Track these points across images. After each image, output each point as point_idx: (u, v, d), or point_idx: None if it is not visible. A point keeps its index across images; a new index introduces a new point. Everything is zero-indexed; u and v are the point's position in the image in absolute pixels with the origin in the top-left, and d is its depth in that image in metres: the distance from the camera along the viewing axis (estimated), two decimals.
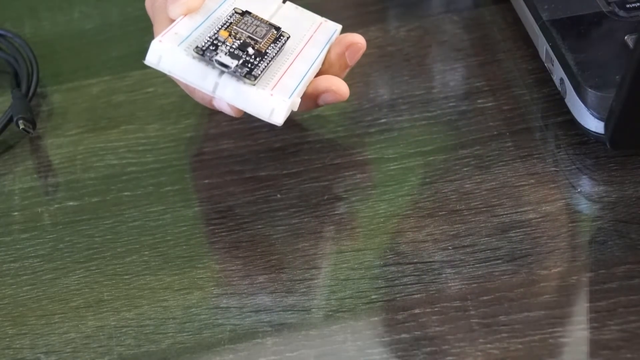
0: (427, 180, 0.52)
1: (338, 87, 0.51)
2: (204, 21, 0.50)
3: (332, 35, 0.53)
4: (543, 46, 0.54)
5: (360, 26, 0.60)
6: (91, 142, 0.56)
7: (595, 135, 0.51)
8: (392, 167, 0.53)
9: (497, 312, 0.46)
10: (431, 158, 0.53)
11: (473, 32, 0.59)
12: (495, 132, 0.53)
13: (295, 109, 0.49)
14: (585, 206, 0.50)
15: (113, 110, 0.57)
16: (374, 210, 0.51)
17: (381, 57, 0.58)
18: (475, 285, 0.47)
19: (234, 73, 0.47)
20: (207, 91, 0.48)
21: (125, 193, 0.53)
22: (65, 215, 0.52)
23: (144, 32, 0.61)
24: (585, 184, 0.51)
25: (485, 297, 0.46)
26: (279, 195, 0.52)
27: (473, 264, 0.48)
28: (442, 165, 0.52)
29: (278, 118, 0.47)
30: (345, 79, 0.55)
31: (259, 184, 0.52)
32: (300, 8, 0.55)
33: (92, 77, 0.60)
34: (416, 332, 0.46)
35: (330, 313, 0.47)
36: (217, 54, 0.47)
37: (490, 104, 0.55)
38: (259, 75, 0.48)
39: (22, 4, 0.65)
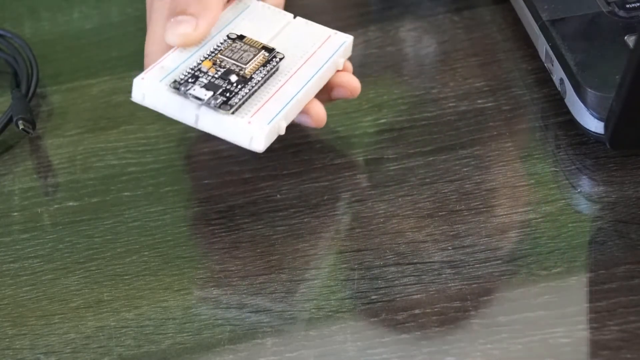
0: (427, 180, 0.52)
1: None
2: (197, 50, 0.50)
3: (339, 47, 0.52)
4: (543, 46, 0.54)
5: (360, 26, 0.60)
6: (91, 143, 0.56)
7: (595, 136, 0.51)
8: (391, 168, 0.52)
9: (497, 312, 0.46)
10: (431, 158, 0.53)
11: (473, 32, 0.59)
12: (495, 132, 0.53)
13: (282, 133, 0.48)
14: (585, 206, 0.50)
15: (113, 110, 0.57)
16: (373, 211, 0.51)
17: (381, 57, 0.58)
18: (475, 285, 0.47)
19: (208, 105, 0.47)
20: (190, 124, 0.48)
21: (125, 193, 0.53)
22: (65, 216, 0.52)
23: (144, 32, 0.61)
24: (585, 184, 0.51)
25: (485, 298, 0.46)
26: (278, 196, 0.52)
27: (473, 264, 0.48)
28: (442, 166, 0.52)
29: (258, 145, 0.47)
30: None
31: (259, 184, 0.52)
32: (310, 23, 0.53)
33: (91, 77, 0.60)
34: (416, 333, 0.46)
35: (330, 313, 0.47)
36: (192, 87, 0.47)
37: (490, 104, 0.55)
38: (237, 103, 0.47)
39: (22, 4, 0.65)
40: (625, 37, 0.53)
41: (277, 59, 0.50)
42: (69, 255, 0.50)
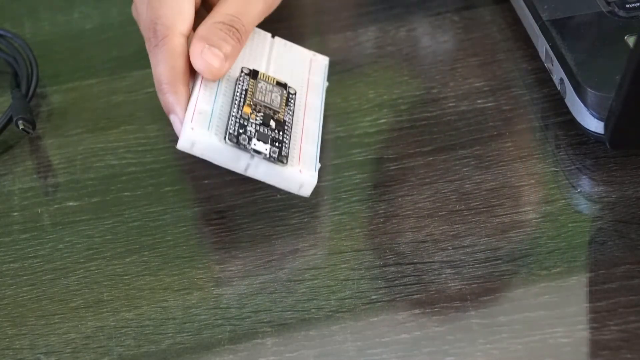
0: (427, 180, 0.52)
1: None
2: (218, 86, 0.51)
3: (324, 73, 0.54)
4: (543, 46, 0.54)
5: (360, 26, 0.60)
6: (91, 143, 0.56)
7: (595, 136, 0.51)
8: (392, 167, 0.52)
9: (497, 312, 0.46)
10: (431, 158, 0.53)
11: (473, 32, 0.59)
12: (495, 132, 0.53)
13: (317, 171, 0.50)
14: (585, 206, 0.50)
15: (113, 110, 0.57)
16: (373, 211, 0.51)
17: (381, 57, 0.58)
18: (475, 285, 0.47)
19: (267, 158, 0.48)
20: (237, 171, 0.49)
21: (125, 193, 0.53)
22: (65, 216, 0.52)
23: None
24: (585, 184, 0.51)
25: (485, 298, 0.46)
26: (278, 195, 0.52)
27: (473, 264, 0.48)
28: (442, 166, 0.52)
29: (307, 191, 0.49)
30: (346, 80, 0.56)
31: (259, 184, 0.52)
32: (288, 43, 0.55)
33: (91, 77, 0.60)
34: (416, 333, 0.46)
35: (330, 313, 0.47)
36: (249, 140, 0.48)
37: (490, 104, 0.55)
38: (287, 153, 0.49)
39: (22, 4, 0.65)
40: (625, 37, 0.53)
41: (293, 95, 0.52)
42: (68, 255, 0.50)
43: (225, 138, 0.48)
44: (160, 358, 0.46)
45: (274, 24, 0.58)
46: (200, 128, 0.48)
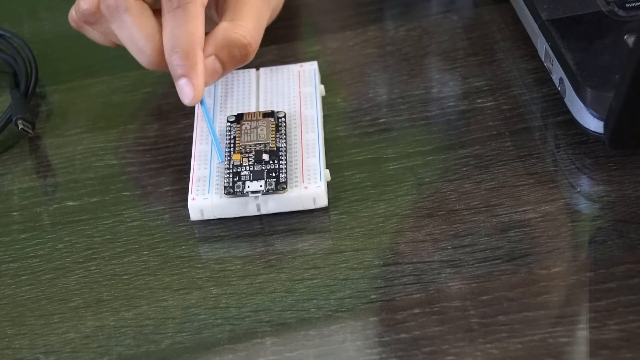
0: (427, 180, 0.52)
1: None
2: (211, 147, 0.52)
3: (315, 78, 0.55)
4: (542, 46, 0.54)
5: (360, 26, 0.60)
6: (90, 142, 0.56)
7: (595, 135, 0.51)
8: (391, 167, 0.52)
9: (497, 311, 0.46)
10: (430, 158, 0.53)
11: (472, 32, 0.59)
12: (494, 132, 0.53)
13: (329, 179, 0.51)
14: (584, 206, 0.50)
15: (112, 110, 0.57)
16: (373, 210, 0.51)
17: (380, 56, 0.58)
18: (474, 285, 0.47)
19: (267, 192, 0.49)
20: (252, 214, 0.50)
21: (125, 193, 0.53)
22: (64, 216, 0.52)
23: None
24: (585, 184, 0.51)
25: (484, 297, 0.46)
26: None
27: (472, 264, 0.48)
28: (442, 165, 0.52)
29: (323, 202, 0.50)
30: (346, 79, 0.56)
31: None
32: (274, 68, 0.56)
33: (91, 77, 0.60)
34: (415, 332, 0.46)
35: (329, 313, 0.47)
36: (243, 185, 0.49)
37: (489, 104, 0.55)
38: (286, 178, 0.50)
39: (21, 4, 0.65)
40: (625, 37, 0.53)
41: (282, 118, 0.52)
42: (68, 255, 0.50)
43: (223, 193, 0.50)
44: (159, 357, 0.46)
45: (274, 24, 0.58)
46: (199, 195, 0.50)
